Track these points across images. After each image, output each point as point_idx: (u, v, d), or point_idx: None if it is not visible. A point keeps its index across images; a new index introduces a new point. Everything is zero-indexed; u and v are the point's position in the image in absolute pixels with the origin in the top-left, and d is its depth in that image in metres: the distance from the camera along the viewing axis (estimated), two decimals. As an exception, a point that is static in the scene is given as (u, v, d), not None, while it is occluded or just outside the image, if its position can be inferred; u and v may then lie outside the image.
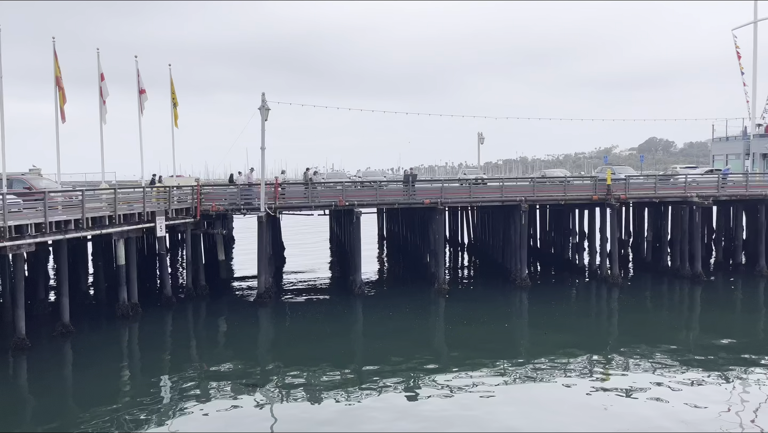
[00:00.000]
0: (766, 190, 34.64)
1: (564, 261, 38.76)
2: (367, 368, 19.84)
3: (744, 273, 35.05)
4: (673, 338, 23.40)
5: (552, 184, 37.69)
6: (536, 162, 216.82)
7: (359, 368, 19.97)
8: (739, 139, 63.14)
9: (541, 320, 26.49)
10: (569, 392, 17.55)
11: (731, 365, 19.63)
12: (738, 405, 16.49)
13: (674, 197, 34.12)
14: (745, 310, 28.41)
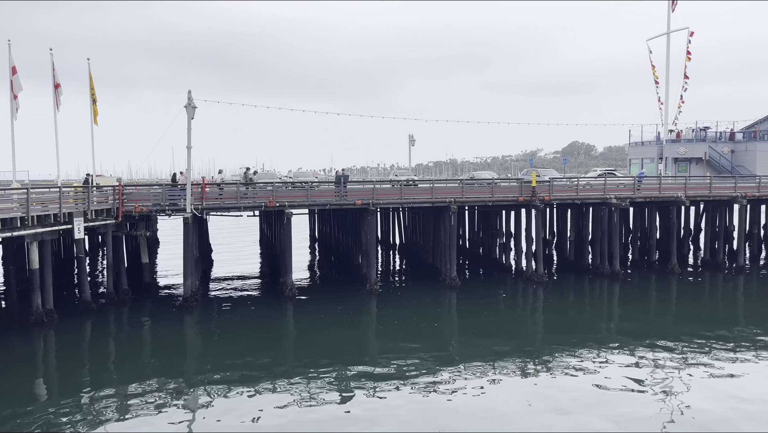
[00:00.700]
0: (678, 193, 36.75)
1: (492, 261, 39.74)
2: (298, 371, 19.58)
3: (658, 270, 37.07)
4: (594, 332, 24.44)
5: (480, 186, 38.54)
6: (465, 164, 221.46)
7: (290, 371, 19.69)
8: (653, 143, 66.87)
9: (469, 318, 27.06)
10: (497, 388, 17.96)
11: (648, 355, 20.68)
12: (652, 387, 17.39)
13: (594, 199, 35.67)
14: (659, 304, 30.02)
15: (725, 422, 15.47)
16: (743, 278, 35.18)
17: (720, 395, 17.30)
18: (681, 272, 36.20)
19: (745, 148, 65.65)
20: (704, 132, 67.75)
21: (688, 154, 64.01)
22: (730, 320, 26.35)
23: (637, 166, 66.86)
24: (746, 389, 17.74)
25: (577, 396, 17.34)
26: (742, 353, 21.15)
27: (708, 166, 62.97)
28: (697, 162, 64.14)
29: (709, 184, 39.57)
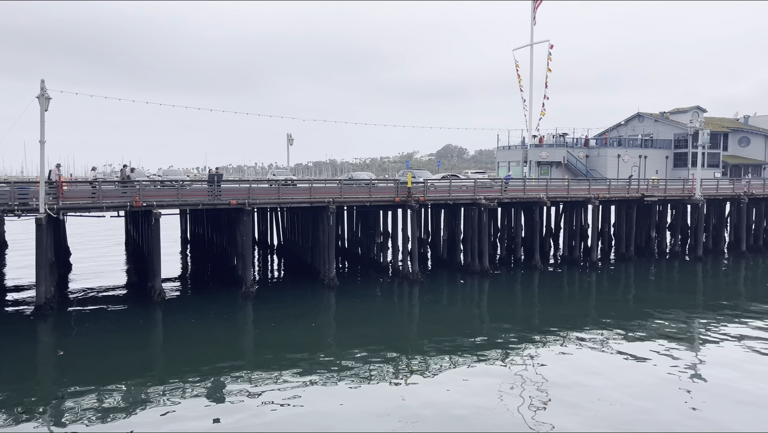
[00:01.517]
0: (540, 194, 39.41)
1: (370, 260, 40.25)
2: (168, 378, 18.54)
3: (523, 266, 39.53)
4: (466, 326, 25.53)
5: (358, 187, 38.93)
6: (345, 165, 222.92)
7: (159, 377, 18.58)
8: (518, 148, 71.32)
9: (347, 317, 27.19)
10: (374, 387, 18.16)
11: (515, 345, 21.94)
12: (519, 379, 18.46)
13: (465, 200, 37.30)
14: (524, 298, 32.01)
15: (586, 405, 16.75)
16: (595, 273, 38.46)
17: (575, 379, 18.73)
18: (543, 267, 38.88)
19: (597, 154, 71.99)
20: (563, 138, 73.40)
21: (550, 158, 69.02)
22: (584, 311, 28.71)
23: (505, 169, 70.99)
24: (600, 373, 19.35)
25: (445, 392, 17.97)
26: (593, 340, 23.07)
27: (566, 170, 68.26)
28: (557, 166, 69.31)
29: (567, 186, 42.87)
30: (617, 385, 18.27)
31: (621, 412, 16.25)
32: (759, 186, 49.63)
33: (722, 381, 18.61)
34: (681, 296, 32.43)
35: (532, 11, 57.97)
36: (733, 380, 18.69)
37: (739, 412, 16.32)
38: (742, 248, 45.34)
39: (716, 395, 17.46)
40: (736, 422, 15.70)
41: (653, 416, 16.06)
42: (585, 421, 15.73)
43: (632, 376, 19.15)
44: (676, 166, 74.52)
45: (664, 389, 17.98)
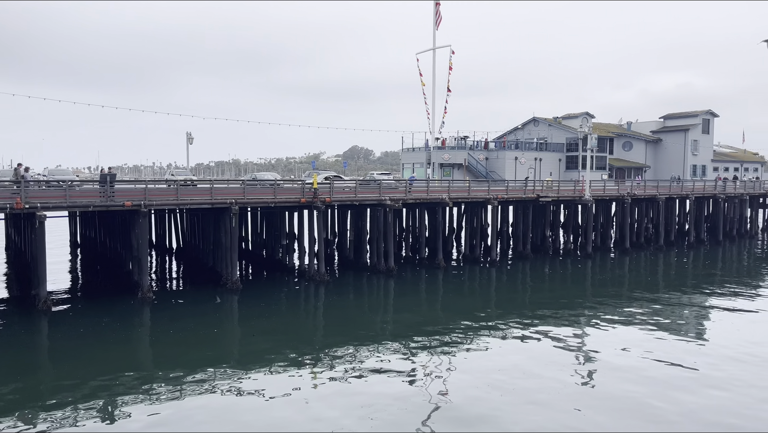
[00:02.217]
0: (443, 195, 40.43)
1: (275, 262, 39.58)
2: (53, 394, 17.23)
3: (427, 265, 40.40)
4: (372, 326, 25.70)
5: (263, 187, 38.16)
6: (249, 165, 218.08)
7: (41, 395, 17.23)
8: (422, 150, 72.82)
9: (251, 321, 26.56)
10: (277, 389, 17.83)
11: (420, 343, 22.33)
12: (430, 378, 18.81)
13: (371, 200, 37.58)
14: (428, 296, 32.69)
15: (490, 400, 17.32)
16: (495, 270, 40.00)
17: (481, 375, 19.36)
18: (446, 266, 39.93)
19: (496, 156, 74.89)
20: (464, 141, 75.77)
21: (452, 161, 71.01)
22: (485, 307, 29.78)
23: (409, 170, 72.29)
24: (502, 369, 20.10)
25: (350, 392, 17.98)
26: (495, 334, 23.96)
27: (467, 172, 70.53)
28: (458, 167, 71.43)
29: (468, 187, 44.28)
30: (516, 381, 19.05)
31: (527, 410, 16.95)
32: (640, 187, 53.65)
33: (601, 372, 19.89)
34: (573, 290, 34.41)
35: (434, 17, 59.43)
36: (617, 366, 20.04)
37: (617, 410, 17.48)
38: (626, 245, 48.83)
39: (603, 382, 18.64)
40: (623, 407, 16.83)
41: (546, 407, 16.89)
42: (491, 416, 16.27)
43: (532, 371, 20.04)
44: (568, 169, 79.04)
45: (564, 382, 18.97)
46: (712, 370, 19.82)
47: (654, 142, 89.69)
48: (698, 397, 17.49)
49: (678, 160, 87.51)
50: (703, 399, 17.35)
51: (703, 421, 15.87)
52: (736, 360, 20.92)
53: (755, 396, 17.61)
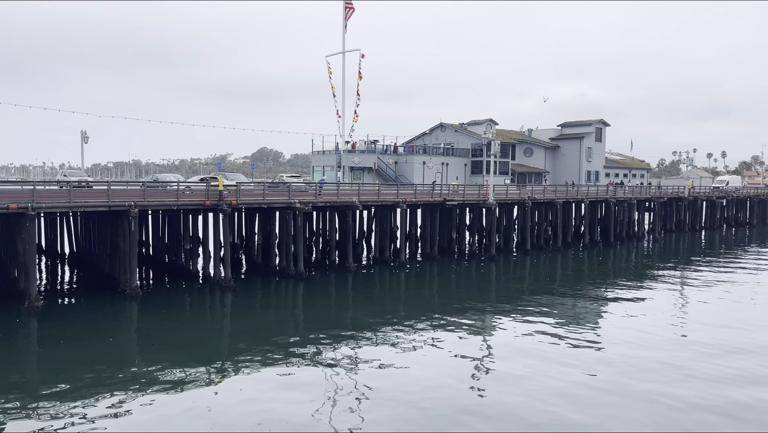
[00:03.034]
0: (353, 198, 40.52)
1: (178, 267, 38.03)
2: None
3: (337, 269, 40.31)
4: (280, 331, 25.25)
5: (165, 189, 36.57)
6: (151, 166, 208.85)
7: None
8: (333, 153, 72.72)
9: (151, 329, 25.33)
10: (179, 399, 17.09)
11: (329, 346, 22.17)
12: (332, 384, 18.68)
13: (280, 203, 37.00)
14: (338, 299, 32.60)
15: (402, 398, 17.44)
16: (404, 272, 40.58)
17: (391, 373, 19.49)
18: (356, 268, 40.03)
19: (405, 161, 76.08)
20: (374, 145, 76.43)
21: (362, 164, 71.38)
22: (394, 308, 30.11)
23: (320, 173, 71.96)
24: (415, 370, 20.35)
25: (257, 399, 17.58)
26: (405, 335, 24.25)
27: (377, 175, 71.16)
28: (368, 171, 71.91)
29: (377, 191, 44.65)
30: (426, 379, 19.35)
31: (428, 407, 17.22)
32: (540, 191, 56.35)
33: (509, 368, 20.66)
34: (478, 290, 35.53)
35: (344, 20, 59.50)
36: (520, 365, 20.87)
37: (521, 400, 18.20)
38: (527, 246, 51.07)
39: (502, 382, 19.34)
40: (521, 404, 17.50)
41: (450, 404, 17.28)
42: (398, 417, 16.40)
43: (440, 370, 20.43)
44: (473, 173, 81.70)
45: (469, 379, 19.47)
46: (604, 354, 21.09)
47: (553, 149, 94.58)
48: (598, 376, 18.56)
49: (574, 166, 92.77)
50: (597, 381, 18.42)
51: (602, 394, 16.80)
52: (627, 343, 22.37)
53: (635, 376, 18.90)
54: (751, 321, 27.69)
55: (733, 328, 26.32)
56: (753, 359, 21.79)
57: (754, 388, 18.71)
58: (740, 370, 20.40)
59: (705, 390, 18.37)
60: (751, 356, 22.05)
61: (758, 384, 19.09)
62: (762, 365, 21.12)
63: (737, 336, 24.88)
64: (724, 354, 22.24)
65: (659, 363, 20.97)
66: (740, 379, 19.52)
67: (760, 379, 19.62)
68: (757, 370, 20.52)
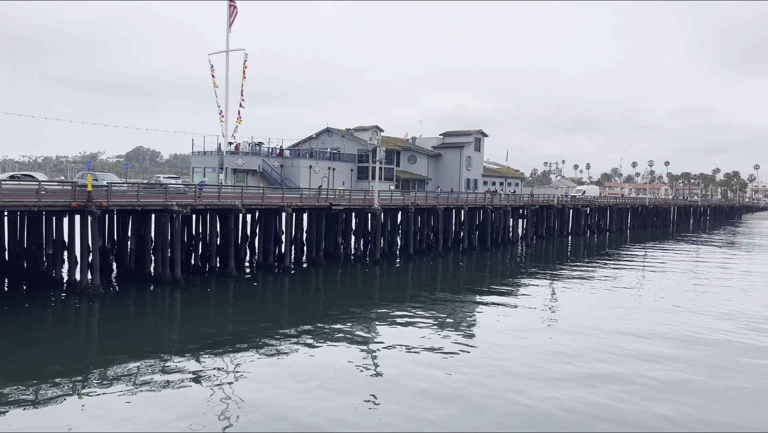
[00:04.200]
0: (236, 201, 39.30)
1: (39, 274, 34.81)
2: None
3: (218, 274, 38.88)
4: (154, 341, 23.82)
5: (24, 189, 33.30)
6: (9, 163, 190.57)
7: None
8: (215, 154, 70.26)
9: (4, 342, 22.89)
10: (38, 416, 15.55)
11: (210, 355, 21.21)
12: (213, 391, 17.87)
13: (156, 206, 35.04)
14: (218, 306, 31.38)
15: (264, 409, 17.00)
16: (288, 277, 39.96)
17: (272, 379, 18.99)
18: (238, 274, 38.83)
19: (291, 164, 75.22)
20: (259, 147, 74.83)
21: (246, 166, 69.61)
22: (278, 314, 29.52)
23: (200, 174, 69.21)
24: (296, 374, 19.97)
25: (122, 413, 16.46)
26: (286, 343, 23.79)
27: (262, 178, 69.72)
28: (252, 173, 70.26)
29: (262, 194, 43.66)
30: (299, 387, 19.07)
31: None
32: (422, 198, 57.95)
33: (398, 370, 20.94)
34: (362, 294, 35.77)
35: (228, 18, 57.75)
36: (408, 368, 21.21)
37: (417, 401, 18.50)
38: (410, 251, 52.28)
39: (394, 386, 19.55)
40: (421, 408, 17.78)
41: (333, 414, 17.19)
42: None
43: (317, 374, 20.23)
44: (359, 179, 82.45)
45: (352, 383, 19.43)
46: (479, 355, 21.98)
47: (435, 157, 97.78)
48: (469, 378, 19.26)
49: (455, 173, 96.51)
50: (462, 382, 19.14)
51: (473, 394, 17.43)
52: (499, 345, 23.47)
53: (501, 367, 19.91)
54: (606, 321, 30.16)
55: (593, 331, 28.51)
56: (610, 359, 23.72)
57: (600, 386, 20.35)
58: (588, 369, 22.12)
59: (566, 392, 19.68)
60: (607, 356, 24.00)
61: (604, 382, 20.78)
62: (610, 362, 23.04)
63: (597, 338, 26.98)
64: (582, 355, 24.00)
65: (526, 365, 22.20)
66: (581, 377, 21.15)
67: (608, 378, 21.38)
68: (607, 369, 22.36)
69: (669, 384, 20.16)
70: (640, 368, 21.77)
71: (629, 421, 16.88)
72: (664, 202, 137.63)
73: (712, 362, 23.02)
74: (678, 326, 28.87)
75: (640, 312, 32.17)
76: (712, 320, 30.42)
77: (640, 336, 26.70)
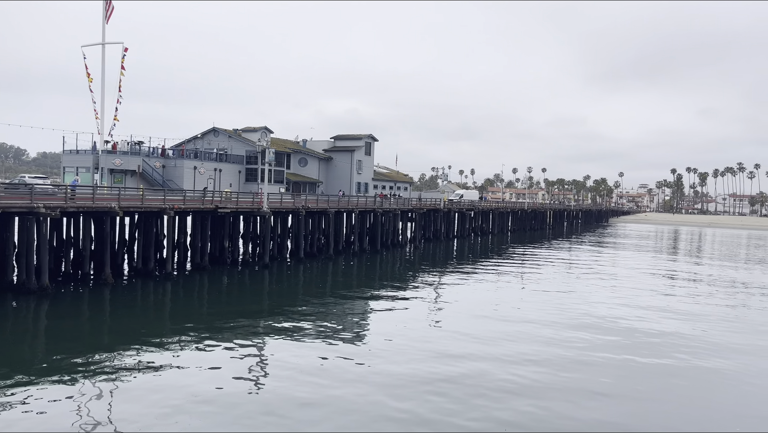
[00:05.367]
0: (112, 203, 36.78)
1: None
2: None
3: (92, 282, 36.17)
4: (15, 357, 21.63)
5: None
6: None
7: None
8: (89, 153, 65.57)
9: None
10: None
11: (82, 371, 19.56)
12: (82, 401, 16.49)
13: (19, 208, 31.96)
14: (91, 316, 29.14)
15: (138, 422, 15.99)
16: (171, 284, 38.01)
17: (137, 398, 17.85)
18: (115, 282, 36.37)
19: (174, 165, 71.89)
20: (139, 146, 70.83)
21: (124, 166, 65.60)
22: (158, 324, 27.91)
23: (72, 174, 64.26)
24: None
25: None
26: (165, 353, 22.53)
27: (141, 179, 66.02)
28: (132, 174, 66.33)
29: (142, 195, 41.23)
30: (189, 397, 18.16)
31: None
32: (313, 201, 57.54)
33: (283, 383, 20.49)
34: (250, 300, 34.77)
35: (104, 9, 54.10)
36: (297, 376, 20.81)
37: (303, 411, 18.14)
38: (300, 255, 51.68)
39: (280, 395, 19.09)
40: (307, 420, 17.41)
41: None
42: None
43: (204, 387, 19.35)
44: (248, 181, 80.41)
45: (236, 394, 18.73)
46: (374, 359, 22.07)
47: (326, 160, 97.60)
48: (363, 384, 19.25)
49: (346, 177, 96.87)
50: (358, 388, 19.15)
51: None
52: (393, 348, 23.73)
53: (394, 371, 20.19)
54: (486, 328, 31.48)
55: (475, 331, 29.64)
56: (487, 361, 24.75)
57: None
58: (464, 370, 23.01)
59: (441, 393, 20.26)
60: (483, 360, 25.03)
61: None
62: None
63: (479, 339, 28.07)
64: (464, 355, 24.86)
65: (409, 367, 22.62)
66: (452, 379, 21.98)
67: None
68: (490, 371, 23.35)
69: (530, 383, 21.34)
70: (512, 368, 22.86)
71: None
72: (542, 206, 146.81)
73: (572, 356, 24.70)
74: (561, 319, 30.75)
75: (517, 310, 33.89)
76: (588, 311, 32.74)
77: (518, 334, 28.10)
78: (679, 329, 30.34)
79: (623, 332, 29.21)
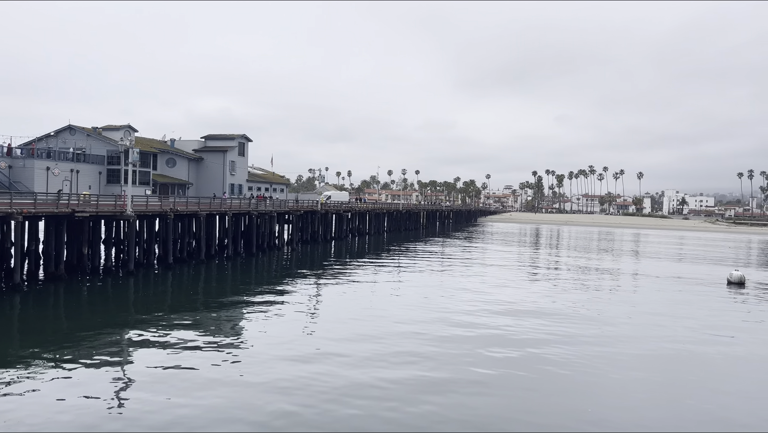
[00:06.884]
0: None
1: None
2: None
3: None
4: None
5: None
6: None
7: None
8: None
9: None
10: None
11: None
12: None
13: None
14: None
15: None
16: (19, 296, 34.42)
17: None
18: (-50, 296, 32.26)
19: (23, 165, 65.42)
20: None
21: (-39, 167, 58.42)
22: (9, 338, 25.15)
23: None
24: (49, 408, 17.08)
25: None
26: (19, 376, 20.38)
27: (-16, 181, 59.34)
28: (-29, 175, 59.21)
29: (-17, 199, 36.93)
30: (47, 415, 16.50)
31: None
32: (183, 203, 54.90)
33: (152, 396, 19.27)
34: (114, 309, 32.37)
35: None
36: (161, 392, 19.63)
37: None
38: (169, 260, 49.06)
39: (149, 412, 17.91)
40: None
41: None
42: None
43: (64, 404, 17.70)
44: (110, 183, 74.97)
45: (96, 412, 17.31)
46: (247, 367, 21.41)
47: (196, 161, 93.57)
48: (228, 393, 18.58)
49: (218, 178, 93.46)
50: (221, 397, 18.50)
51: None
52: (268, 356, 23.17)
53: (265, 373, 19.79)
54: (364, 322, 31.86)
55: (356, 338, 29.85)
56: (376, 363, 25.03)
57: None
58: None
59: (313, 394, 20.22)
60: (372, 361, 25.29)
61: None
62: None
63: (361, 345, 28.29)
64: (336, 356, 24.95)
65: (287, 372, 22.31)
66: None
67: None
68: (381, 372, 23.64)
69: (404, 380, 21.94)
70: (389, 372, 23.31)
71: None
72: (416, 207, 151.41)
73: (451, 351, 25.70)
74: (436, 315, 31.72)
75: (385, 311, 34.58)
76: (457, 308, 34.11)
77: (385, 334, 28.68)
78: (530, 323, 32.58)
79: (476, 326, 30.82)
